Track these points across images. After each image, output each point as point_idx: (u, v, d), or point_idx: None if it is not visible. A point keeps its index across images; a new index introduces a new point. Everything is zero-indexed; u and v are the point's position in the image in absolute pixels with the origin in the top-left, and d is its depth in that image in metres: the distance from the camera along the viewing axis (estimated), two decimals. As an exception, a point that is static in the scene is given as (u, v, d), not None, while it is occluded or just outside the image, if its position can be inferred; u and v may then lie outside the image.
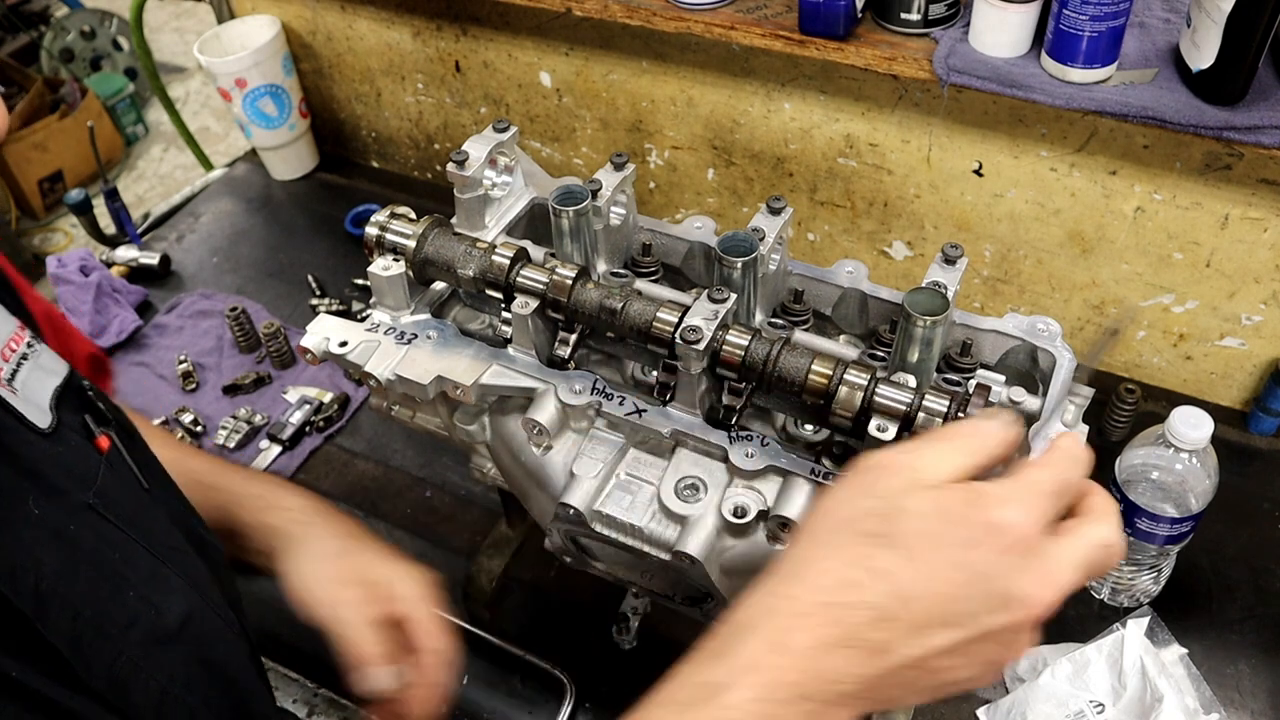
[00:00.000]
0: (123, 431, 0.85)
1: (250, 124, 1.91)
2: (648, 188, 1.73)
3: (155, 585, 0.75)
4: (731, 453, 0.84)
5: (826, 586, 0.61)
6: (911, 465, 0.63)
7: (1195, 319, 1.39)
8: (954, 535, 0.60)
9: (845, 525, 0.63)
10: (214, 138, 4.17)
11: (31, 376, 0.78)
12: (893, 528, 0.61)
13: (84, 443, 0.79)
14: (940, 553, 0.60)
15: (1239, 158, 1.21)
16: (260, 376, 1.60)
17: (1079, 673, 1.09)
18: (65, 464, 0.75)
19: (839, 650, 0.59)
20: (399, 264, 0.95)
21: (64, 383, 0.81)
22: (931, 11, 1.24)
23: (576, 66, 1.63)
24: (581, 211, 0.93)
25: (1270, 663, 1.16)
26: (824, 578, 0.61)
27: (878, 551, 0.61)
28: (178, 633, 0.75)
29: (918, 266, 1.56)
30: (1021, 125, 1.32)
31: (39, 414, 0.76)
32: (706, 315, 0.82)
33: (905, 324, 0.81)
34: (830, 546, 0.63)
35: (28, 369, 0.78)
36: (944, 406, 0.77)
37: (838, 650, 0.59)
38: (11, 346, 0.79)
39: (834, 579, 0.61)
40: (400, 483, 1.44)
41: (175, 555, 0.79)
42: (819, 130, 1.48)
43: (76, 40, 4.18)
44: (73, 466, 0.75)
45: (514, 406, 0.94)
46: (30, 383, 0.78)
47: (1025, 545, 0.60)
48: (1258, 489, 1.33)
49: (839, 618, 0.60)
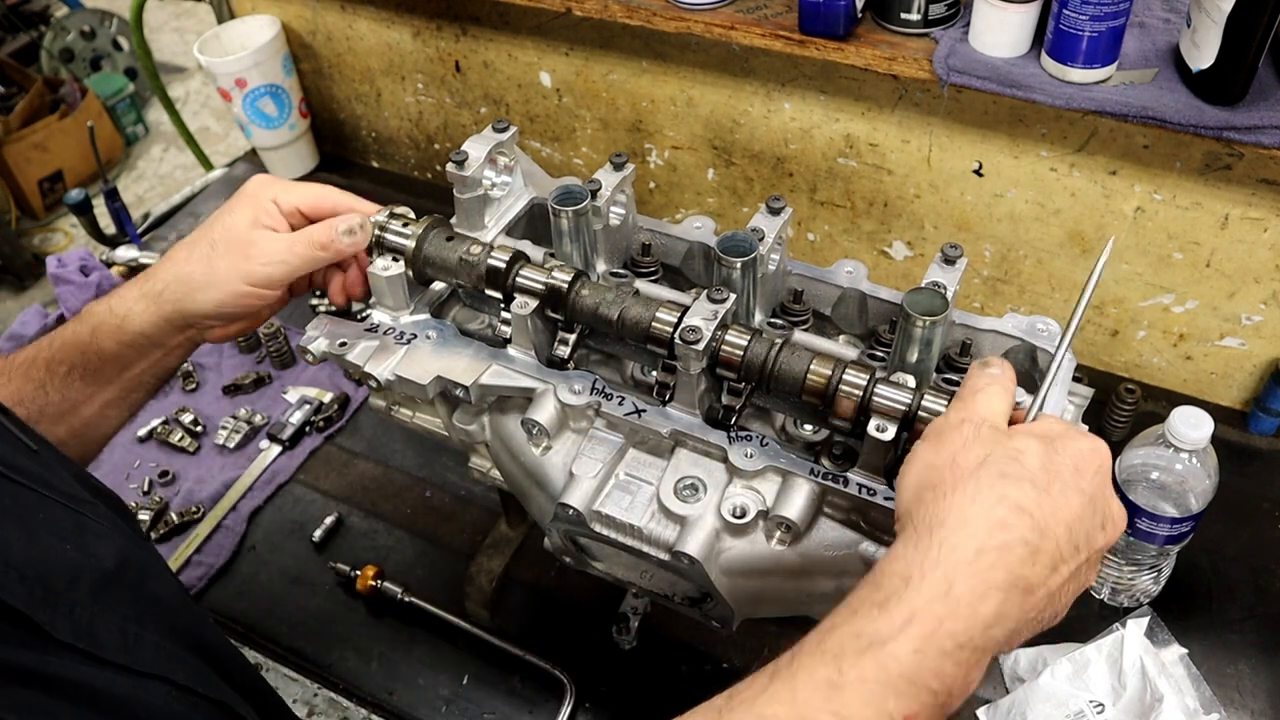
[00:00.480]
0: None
1: (250, 124, 1.91)
2: (648, 188, 1.73)
3: (82, 535, 0.75)
4: (731, 453, 0.84)
5: (980, 531, 0.63)
6: (986, 416, 0.70)
7: (1195, 319, 1.39)
8: (1066, 465, 0.66)
9: (974, 473, 0.66)
10: (214, 138, 4.17)
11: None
12: (1019, 468, 0.66)
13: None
14: (1061, 482, 0.65)
15: (1239, 158, 1.21)
16: (260, 376, 1.60)
17: (1079, 673, 1.09)
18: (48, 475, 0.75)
19: (996, 593, 0.62)
20: (398, 264, 0.95)
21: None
22: (931, 11, 1.24)
23: (576, 66, 1.63)
24: (581, 211, 0.93)
25: (1270, 663, 1.16)
26: (975, 522, 0.64)
27: (1014, 489, 0.65)
28: (116, 574, 0.75)
29: (918, 266, 1.56)
30: (1021, 125, 1.32)
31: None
32: (706, 315, 0.82)
33: (904, 324, 0.81)
34: (971, 494, 0.65)
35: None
36: (943, 407, 0.77)
37: (995, 594, 0.62)
38: None
39: (985, 522, 0.64)
40: (400, 483, 1.44)
41: (87, 506, 0.79)
42: (819, 130, 1.48)
43: (76, 40, 4.18)
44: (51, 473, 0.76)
45: (513, 406, 0.94)
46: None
47: (1106, 467, 0.68)
48: (1258, 489, 1.33)
49: (996, 561, 0.62)
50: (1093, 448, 0.68)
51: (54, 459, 0.85)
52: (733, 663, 1.19)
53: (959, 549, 0.63)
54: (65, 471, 0.83)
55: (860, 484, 0.81)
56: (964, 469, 0.66)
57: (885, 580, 0.63)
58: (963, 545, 0.63)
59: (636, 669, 1.19)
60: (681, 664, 1.19)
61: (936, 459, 0.68)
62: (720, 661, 1.19)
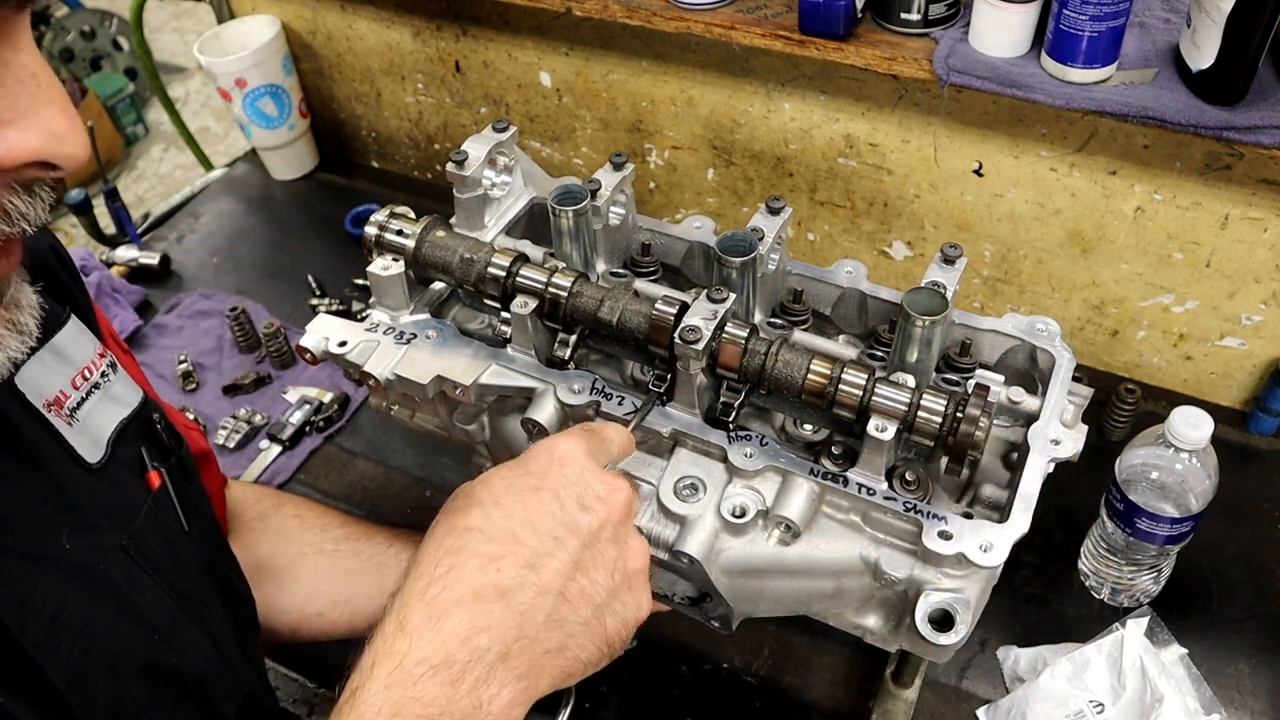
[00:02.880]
0: (180, 467, 0.86)
1: (250, 124, 1.91)
2: (648, 188, 1.73)
3: (176, 632, 0.75)
4: (730, 452, 0.84)
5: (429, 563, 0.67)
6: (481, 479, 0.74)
7: (1195, 319, 1.39)
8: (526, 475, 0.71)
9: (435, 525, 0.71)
10: (214, 138, 4.17)
11: (98, 409, 0.79)
12: (466, 500, 0.71)
13: (133, 478, 0.80)
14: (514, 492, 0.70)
15: (1239, 158, 1.21)
16: (260, 376, 1.60)
17: (1079, 673, 1.09)
18: (106, 501, 0.75)
19: (460, 608, 0.64)
20: (398, 264, 0.95)
21: (132, 414, 0.82)
22: (931, 11, 1.24)
23: (576, 66, 1.63)
24: (580, 211, 0.93)
25: (1270, 663, 1.16)
26: (427, 557, 0.68)
27: (460, 518, 0.69)
28: (191, 682, 0.75)
29: (918, 266, 1.56)
30: (1021, 125, 1.32)
31: (92, 448, 0.77)
32: (705, 315, 0.82)
33: (904, 324, 0.81)
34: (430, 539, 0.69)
35: (96, 400, 0.79)
36: (942, 406, 0.77)
37: (458, 609, 0.64)
38: (86, 373, 0.80)
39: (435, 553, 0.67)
40: (400, 483, 1.44)
41: (199, 606, 0.79)
42: (819, 130, 1.48)
43: (76, 40, 4.18)
44: (113, 504, 0.76)
45: (513, 406, 0.94)
46: (94, 415, 0.79)
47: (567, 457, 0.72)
48: (1258, 489, 1.33)
49: (451, 581, 0.65)
50: (547, 447, 0.74)
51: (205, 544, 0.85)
52: (733, 663, 1.19)
53: (414, 584, 0.66)
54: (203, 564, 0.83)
55: (860, 484, 0.81)
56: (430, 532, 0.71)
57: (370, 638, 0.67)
58: (418, 580, 0.66)
59: (636, 669, 1.18)
60: (681, 664, 1.19)
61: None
62: (720, 662, 1.19)
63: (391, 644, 0.63)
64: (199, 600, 0.80)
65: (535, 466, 0.72)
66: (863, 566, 0.83)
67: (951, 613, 0.78)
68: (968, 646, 1.13)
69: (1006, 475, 0.89)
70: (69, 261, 0.87)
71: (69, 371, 0.78)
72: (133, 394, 0.84)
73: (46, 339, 0.76)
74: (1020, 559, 1.24)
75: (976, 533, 0.77)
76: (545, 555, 0.68)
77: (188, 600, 0.78)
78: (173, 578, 0.77)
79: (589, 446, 0.75)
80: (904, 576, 0.80)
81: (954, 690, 1.15)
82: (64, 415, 0.76)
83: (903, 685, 1.10)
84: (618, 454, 0.80)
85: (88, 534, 0.72)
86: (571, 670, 0.70)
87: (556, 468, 0.72)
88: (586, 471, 0.73)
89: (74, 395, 0.77)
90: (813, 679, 1.17)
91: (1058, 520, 1.28)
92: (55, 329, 0.78)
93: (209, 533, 0.88)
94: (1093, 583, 1.22)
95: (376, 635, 0.65)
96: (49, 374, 0.76)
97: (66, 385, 0.78)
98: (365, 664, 0.64)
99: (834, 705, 1.15)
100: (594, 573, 0.70)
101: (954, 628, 0.77)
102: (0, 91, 0.49)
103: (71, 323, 0.80)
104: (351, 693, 0.63)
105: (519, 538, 0.67)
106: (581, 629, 0.69)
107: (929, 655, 0.88)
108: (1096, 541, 1.20)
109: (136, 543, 0.75)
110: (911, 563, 0.81)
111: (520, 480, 0.71)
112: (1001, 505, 0.86)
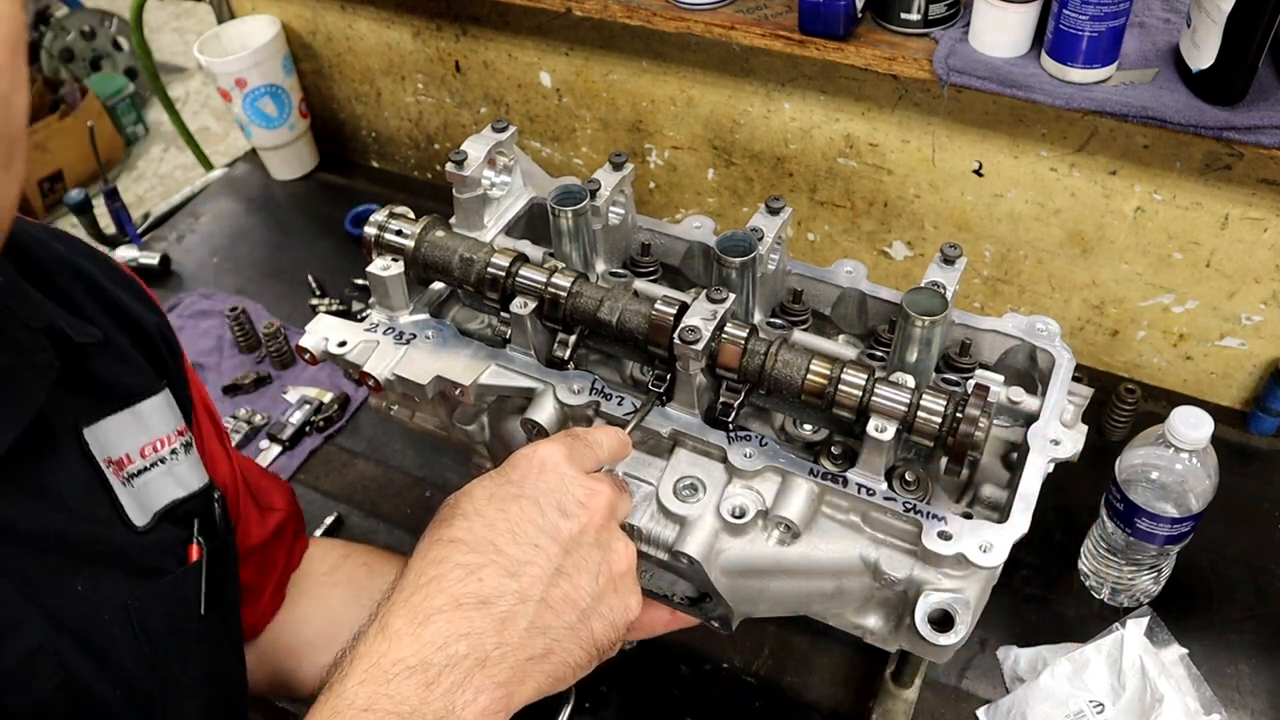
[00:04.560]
0: (222, 550, 0.87)
1: (250, 124, 1.91)
2: (648, 188, 1.73)
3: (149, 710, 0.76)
4: (730, 453, 0.84)
5: (415, 574, 0.68)
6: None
7: (1195, 319, 1.39)
8: (508, 483, 0.72)
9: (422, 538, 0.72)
10: (214, 138, 4.17)
11: (155, 483, 0.81)
12: (451, 511, 0.72)
13: (174, 547, 0.81)
14: (498, 500, 0.71)
15: (1239, 158, 1.21)
16: (260, 376, 1.60)
17: (1079, 672, 1.09)
18: (133, 557, 0.77)
19: (439, 616, 0.65)
20: (398, 264, 0.95)
21: (188, 497, 0.83)
22: (931, 11, 1.24)
23: (576, 66, 1.63)
24: (580, 211, 0.93)
25: (1270, 663, 1.16)
26: (415, 568, 0.68)
27: (445, 530, 0.70)
28: None
29: (918, 266, 1.56)
30: (1021, 125, 1.32)
31: (139, 514, 0.78)
32: (705, 315, 0.82)
33: (904, 324, 0.81)
34: (414, 556, 0.70)
35: (156, 475, 0.81)
36: (942, 406, 0.77)
37: (438, 616, 0.65)
38: (158, 445, 0.82)
39: (422, 564, 0.68)
40: (400, 483, 1.44)
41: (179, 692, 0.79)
42: (819, 130, 1.48)
43: (76, 40, 4.18)
44: (143, 564, 0.77)
45: (513, 407, 0.94)
46: (151, 487, 0.80)
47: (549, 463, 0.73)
48: (1258, 489, 1.33)
49: (433, 590, 0.66)
50: (527, 455, 0.74)
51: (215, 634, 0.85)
52: (733, 663, 1.19)
53: (398, 594, 0.67)
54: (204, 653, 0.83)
55: (859, 484, 0.81)
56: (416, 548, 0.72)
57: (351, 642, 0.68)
58: (402, 589, 0.67)
59: (636, 669, 1.18)
60: (681, 664, 1.19)
61: None
62: (720, 662, 1.19)
63: (371, 645, 0.64)
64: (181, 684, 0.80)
65: (516, 474, 0.73)
66: (863, 567, 0.83)
67: (951, 613, 0.78)
68: (968, 646, 1.13)
69: (1006, 475, 0.88)
70: (174, 343, 0.90)
71: (141, 439, 0.81)
72: (197, 479, 0.86)
73: (134, 402, 0.80)
74: (1020, 559, 1.24)
75: (976, 533, 0.77)
76: (525, 563, 0.68)
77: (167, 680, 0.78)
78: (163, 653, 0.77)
79: (570, 452, 0.75)
80: (904, 577, 0.80)
81: (954, 690, 1.15)
82: (121, 477, 0.78)
83: (903, 685, 1.10)
84: (607, 457, 0.80)
85: (103, 585, 0.73)
86: (559, 674, 0.70)
87: (536, 474, 0.73)
88: (566, 478, 0.73)
89: (139, 462, 0.80)
90: (813, 679, 1.18)
91: (1058, 520, 1.28)
92: (145, 395, 0.81)
93: (226, 625, 0.88)
94: (1093, 583, 1.22)
95: (359, 639, 0.66)
96: (122, 433, 0.79)
97: (134, 451, 0.80)
98: (344, 662, 0.65)
99: (834, 705, 1.15)
100: (577, 578, 0.70)
101: (954, 628, 0.77)
102: None
103: (162, 395, 0.83)
104: (328, 688, 0.64)
105: (499, 547, 0.68)
106: (567, 633, 0.69)
107: (929, 655, 0.88)
108: (1096, 541, 1.20)
109: (143, 605, 0.76)
110: (911, 563, 0.81)
111: (502, 489, 0.72)
112: (1001, 505, 0.86)
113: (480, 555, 0.68)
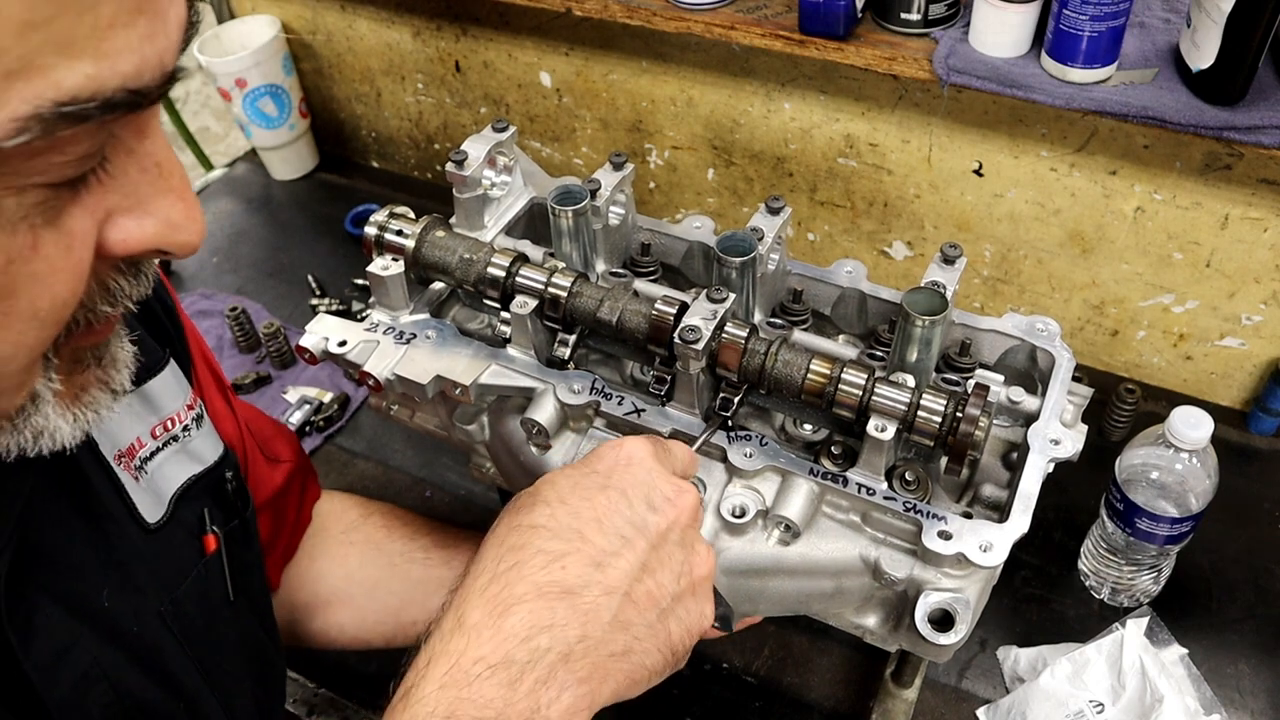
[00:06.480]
0: (242, 531, 0.85)
1: (250, 124, 1.91)
2: (648, 188, 1.73)
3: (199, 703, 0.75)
4: (730, 452, 0.84)
5: (490, 560, 0.64)
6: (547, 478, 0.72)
7: (1195, 319, 1.39)
8: (592, 475, 0.70)
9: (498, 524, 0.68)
10: (214, 138, 4.17)
11: (167, 465, 0.78)
12: (531, 499, 0.69)
13: (190, 540, 0.79)
14: (581, 490, 0.68)
15: (1239, 158, 1.21)
16: (260, 376, 1.60)
17: (1079, 673, 1.09)
18: (155, 563, 0.75)
19: (521, 606, 0.61)
20: (398, 264, 0.95)
21: (203, 472, 0.81)
22: (931, 11, 1.24)
23: (576, 66, 1.63)
24: (580, 211, 0.93)
25: (1270, 663, 1.16)
26: (488, 554, 0.65)
27: (524, 516, 0.66)
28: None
29: (918, 266, 1.56)
30: (1021, 125, 1.32)
31: (154, 506, 0.76)
32: (705, 315, 0.82)
33: (904, 324, 0.81)
34: (492, 538, 0.67)
35: (167, 455, 0.78)
36: (942, 406, 0.77)
37: (520, 607, 0.61)
38: (169, 424, 0.78)
39: (498, 550, 0.65)
40: (400, 483, 1.44)
41: (226, 681, 0.78)
42: (819, 130, 1.48)
43: (77, 40, 4.18)
44: (163, 566, 0.75)
45: (513, 406, 0.94)
46: (164, 469, 0.78)
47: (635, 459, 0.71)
48: (1258, 489, 1.33)
49: (513, 579, 0.63)
50: (614, 446, 0.72)
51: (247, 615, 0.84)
52: (733, 663, 1.19)
53: (475, 581, 0.64)
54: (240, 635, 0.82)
55: (859, 484, 0.81)
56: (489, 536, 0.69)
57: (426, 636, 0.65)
58: (478, 576, 0.64)
59: (636, 669, 1.18)
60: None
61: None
62: (720, 662, 1.19)
63: (449, 642, 0.61)
64: (226, 673, 0.79)
65: (602, 465, 0.70)
66: (862, 566, 0.83)
67: (951, 613, 0.78)
68: (968, 646, 1.13)
69: (1006, 475, 0.88)
70: (169, 303, 0.85)
71: (151, 420, 0.77)
72: (211, 450, 0.84)
73: (139, 384, 0.75)
74: (1020, 559, 1.24)
75: (976, 533, 0.77)
76: (612, 554, 0.65)
77: (213, 673, 0.77)
78: (204, 649, 0.76)
79: (656, 450, 0.73)
80: (904, 576, 0.80)
81: (954, 690, 1.15)
82: (132, 469, 0.75)
83: (903, 685, 1.10)
84: (680, 469, 0.77)
85: (130, 595, 0.71)
86: (636, 676, 0.66)
87: (623, 467, 0.70)
88: (654, 473, 0.71)
89: (149, 445, 0.77)
90: (813, 679, 1.18)
91: (1058, 520, 1.28)
92: (150, 374, 0.77)
93: (255, 602, 0.87)
94: (1093, 583, 1.22)
95: (434, 633, 0.62)
96: (129, 420, 0.75)
97: (145, 433, 0.77)
98: (420, 662, 0.61)
99: (834, 705, 1.15)
100: (660, 575, 0.67)
101: (954, 628, 0.77)
102: (122, 179, 0.47)
103: (168, 369, 0.79)
104: (405, 692, 0.60)
105: (586, 535, 0.65)
106: (647, 632, 0.65)
107: (929, 655, 0.88)
108: (1096, 541, 1.20)
109: (176, 609, 0.74)
110: (911, 563, 0.81)
111: (587, 479, 0.69)
112: (1001, 505, 0.86)
113: (565, 542, 0.64)
